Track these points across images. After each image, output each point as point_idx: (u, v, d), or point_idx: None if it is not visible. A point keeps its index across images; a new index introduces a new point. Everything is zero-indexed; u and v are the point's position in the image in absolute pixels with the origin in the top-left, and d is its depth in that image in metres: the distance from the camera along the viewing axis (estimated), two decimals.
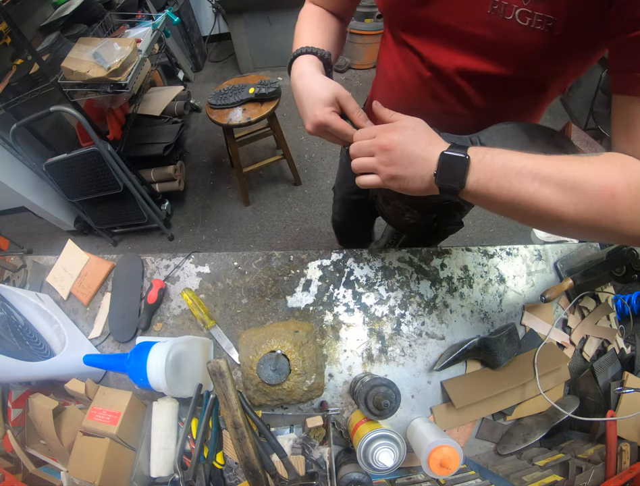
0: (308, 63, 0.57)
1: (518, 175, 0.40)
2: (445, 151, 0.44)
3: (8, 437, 0.68)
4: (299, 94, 0.56)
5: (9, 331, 0.67)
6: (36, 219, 1.99)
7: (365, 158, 0.50)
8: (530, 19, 0.42)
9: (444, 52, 0.53)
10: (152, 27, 1.72)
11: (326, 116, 0.53)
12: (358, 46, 2.78)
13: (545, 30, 0.42)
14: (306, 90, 0.55)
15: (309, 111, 0.54)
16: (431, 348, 0.76)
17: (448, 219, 0.89)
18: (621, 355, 0.76)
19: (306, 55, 0.58)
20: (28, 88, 1.46)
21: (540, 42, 0.43)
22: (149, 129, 2.15)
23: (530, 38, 0.44)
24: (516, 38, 0.45)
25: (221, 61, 3.18)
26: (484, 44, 0.48)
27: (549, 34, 0.42)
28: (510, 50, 0.47)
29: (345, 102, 0.54)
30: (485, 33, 0.47)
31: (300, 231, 2.10)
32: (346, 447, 0.69)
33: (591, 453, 0.63)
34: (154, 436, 0.65)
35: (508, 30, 0.44)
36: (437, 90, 0.58)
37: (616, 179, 0.37)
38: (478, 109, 0.57)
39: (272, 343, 0.68)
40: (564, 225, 0.41)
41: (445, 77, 0.55)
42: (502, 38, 0.46)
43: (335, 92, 0.54)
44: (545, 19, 0.41)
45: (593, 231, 0.40)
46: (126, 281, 0.83)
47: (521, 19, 0.43)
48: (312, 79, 0.55)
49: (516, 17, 0.43)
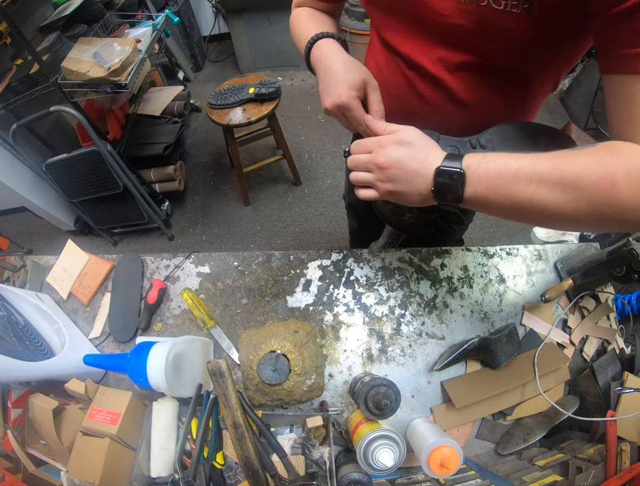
0: (332, 43, 0.57)
1: (514, 180, 0.40)
2: (441, 166, 0.43)
3: (8, 437, 0.68)
4: (324, 71, 0.55)
5: (9, 331, 0.67)
6: (36, 219, 1.99)
7: (362, 173, 0.50)
8: (505, 2, 0.41)
9: (424, 47, 0.53)
10: (152, 27, 1.72)
11: (350, 99, 0.52)
12: (358, 46, 2.77)
13: (521, 13, 0.41)
14: (334, 67, 0.54)
15: (334, 89, 0.53)
16: (431, 348, 0.76)
17: (447, 236, 0.90)
18: (621, 355, 0.76)
19: (326, 39, 0.58)
20: (28, 88, 1.46)
21: (517, 26, 0.43)
22: (149, 129, 2.15)
23: (507, 22, 0.43)
24: (493, 23, 0.44)
25: (221, 61, 3.18)
26: (462, 34, 0.48)
27: (527, 16, 0.41)
28: (488, 37, 0.46)
29: (372, 91, 0.54)
30: (462, 22, 0.46)
31: (300, 231, 2.10)
32: (346, 447, 0.69)
33: (591, 453, 0.63)
34: (154, 436, 0.65)
35: (484, 16, 0.44)
36: (421, 88, 0.58)
37: (615, 168, 0.36)
38: (465, 105, 0.57)
39: (272, 343, 0.68)
40: (567, 221, 0.40)
41: (427, 73, 0.55)
42: (479, 26, 0.45)
43: (365, 78, 0.53)
44: (521, 0, 0.40)
45: (598, 222, 0.39)
46: (126, 281, 0.83)
47: (495, 4, 0.42)
48: (341, 58, 0.55)
49: (490, 2, 0.42)
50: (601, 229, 0.38)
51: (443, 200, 0.45)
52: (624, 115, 0.39)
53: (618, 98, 0.40)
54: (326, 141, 2.48)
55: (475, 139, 0.54)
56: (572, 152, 0.39)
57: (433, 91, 0.57)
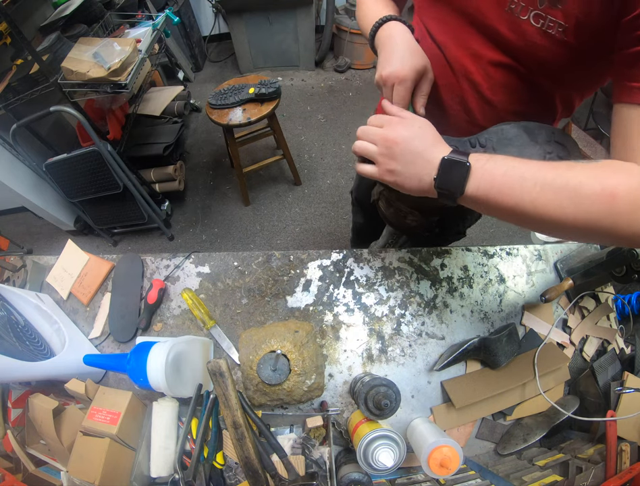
0: (403, 27, 0.58)
1: (520, 181, 0.41)
2: (447, 156, 0.44)
3: (8, 437, 0.68)
4: (391, 47, 0.56)
5: (9, 331, 0.67)
6: (36, 219, 1.99)
7: (368, 144, 0.51)
8: (543, 22, 0.45)
9: (460, 39, 0.55)
10: (152, 27, 1.72)
11: (407, 76, 0.53)
12: (358, 46, 2.78)
13: (555, 35, 0.45)
14: (401, 47, 0.55)
15: (397, 63, 0.53)
16: (431, 348, 0.76)
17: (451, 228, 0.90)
18: (621, 355, 0.76)
19: (397, 22, 0.59)
20: (28, 88, 1.45)
21: (551, 46, 0.46)
22: (149, 129, 2.15)
23: (542, 40, 0.46)
24: (529, 38, 0.47)
25: (221, 61, 3.18)
26: (500, 38, 0.51)
27: (560, 39, 0.45)
28: (523, 48, 0.49)
29: (426, 82, 0.56)
30: (502, 29, 0.49)
31: (300, 231, 2.10)
32: (346, 447, 0.69)
33: (591, 453, 0.63)
34: (154, 436, 0.65)
35: (522, 29, 0.47)
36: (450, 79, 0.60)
37: (616, 181, 0.38)
38: (488, 103, 0.59)
39: (272, 343, 0.68)
40: (563, 227, 0.41)
41: (459, 65, 0.57)
42: (517, 36, 0.48)
43: (427, 67, 0.55)
44: (557, 24, 0.44)
45: (590, 232, 0.40)
46: (126, 281, 0.83)
47: (535, 21, 0.46)
48: (410, 42, 0.56)
49: (531, 19, 0.46)
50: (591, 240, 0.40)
51: (443, 188, 0.45)
52: (626, 140, 0.42)
53: (621, 123, 0.42)
54: (326, 141, 2.48)
55: (475, 138, 0.54)
56: (578, 164, 0.41)
57: (460, 82, 0.59)
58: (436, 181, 0.45)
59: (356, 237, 1.49)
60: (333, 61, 2.98)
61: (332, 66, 2.96)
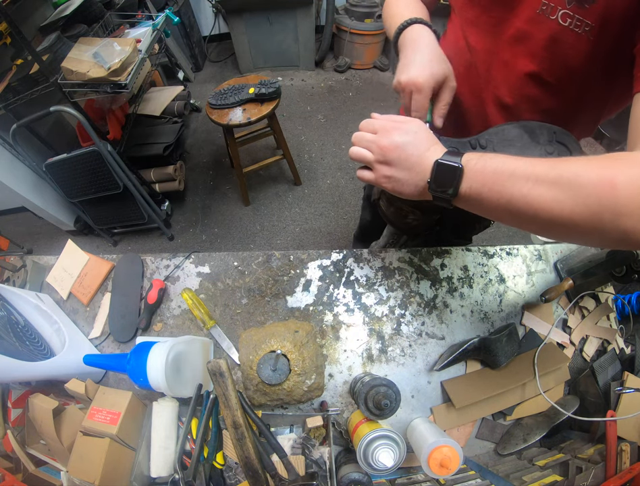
0: (428, 31, 0.58)
1: (511, 177, 0.39)
2: (440, 159, 0.44)
3: (8, 437, 0.68)
4: (412, 51, 0.56)
5: (9, 331, 0.67)
6: (36, 219, 1.98)
7: (364, 151, 0.51)
8: (570, 20, 0.47)
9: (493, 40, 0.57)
10: (152, 27, 1.72)
11: (426, 84, 0.52)
12: (358, 46, 2.78)
13: (581, 33, 0.46)
14: (423, 52, 0.55)
15: (415, 69, 0.53)
16: (431, 348, 0.76)
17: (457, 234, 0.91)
18: (621, 355, 0.76)
19: (423, 25, 0.58)
20: (28, 88, 1.45)
21: (575, 43, 0.48)
22: (149, 129, 2.15)
23: (569, 38, 0.48)
24: (557, 37, 0.49)
25: (221, 61, 3.18)
26: (529, 41, 0.52)
27: (585, 38, 0.46)
28: (551, 50, 0.51)
29: (447, 90, 0.55)
30: (533, 31, 0.51)
31: (300, 231, 2.10)
32: (346, 447, 0.69)
33: (591, 453, 0.63)
34: (154, 436, 0.65)
35: (551, 29, 0.49)
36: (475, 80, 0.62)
37: (615, 170, 0.34)
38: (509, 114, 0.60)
39: (272, 343, 0.68)
40: (562, 224, 0.38)
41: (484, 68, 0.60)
42: (542, 35, 0.50)
43: (447, 76, 0.55)
44: (584, 23, 0.46)
45: (592, 228, 0.36)
46: (126, 281, 0.83)
47: (562, 20, 0.48)
48: (432, 47, 0.56)
49: (559, 18, 0.48)
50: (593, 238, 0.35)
51: (438, 193, 0.45)
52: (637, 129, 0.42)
53: (636, 112, 0.42)
54: (326, 141, 2.48)
55: (475, 139, 0.54)
56: (572, 158, 0.38)
57: (484, 89, 0.61)
58: (430, 184, 0.45)
59: (360, 232, 1.49)
60: (333, 61, 2.98)
61: (332, 66, 2.96)
